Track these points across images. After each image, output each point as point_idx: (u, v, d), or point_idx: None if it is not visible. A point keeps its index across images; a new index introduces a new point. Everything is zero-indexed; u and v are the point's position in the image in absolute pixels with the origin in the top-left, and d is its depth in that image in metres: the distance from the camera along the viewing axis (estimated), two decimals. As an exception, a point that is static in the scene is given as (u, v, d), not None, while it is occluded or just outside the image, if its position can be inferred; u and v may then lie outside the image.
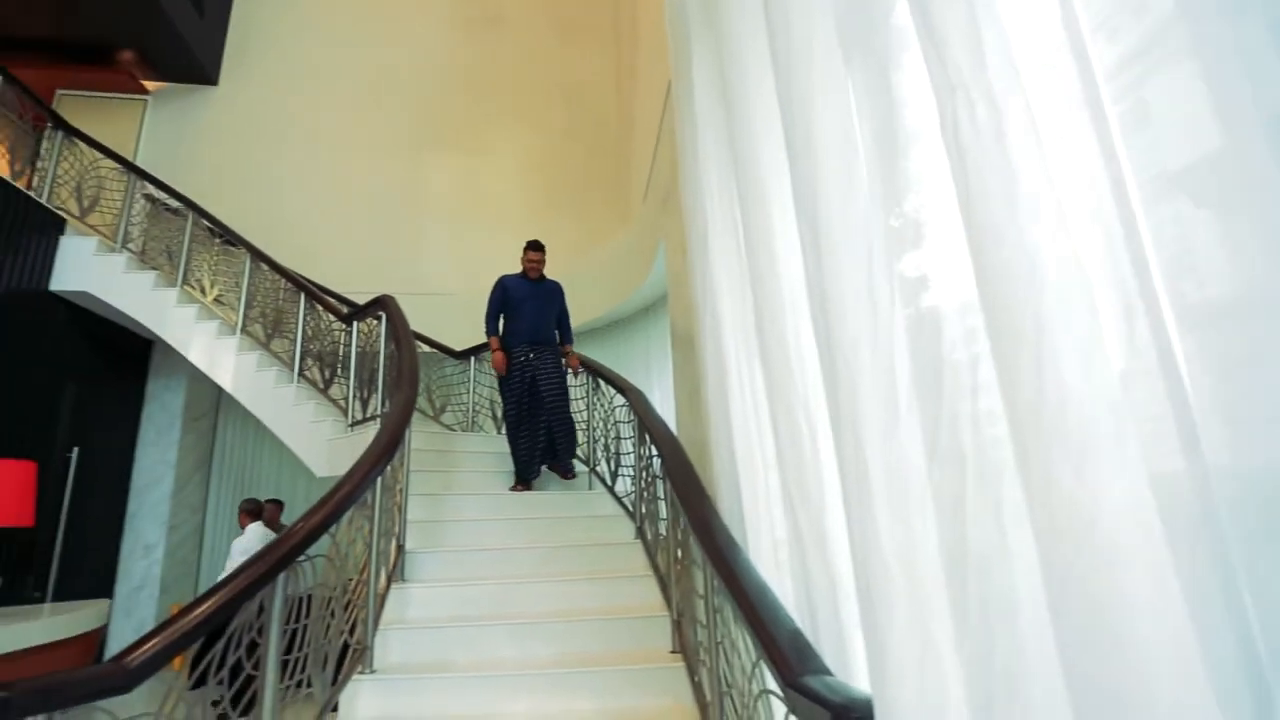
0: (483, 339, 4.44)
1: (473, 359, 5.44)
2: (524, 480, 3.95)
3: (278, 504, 5.81)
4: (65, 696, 1.32)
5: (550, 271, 4.44)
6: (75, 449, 5.37)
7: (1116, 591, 0.67)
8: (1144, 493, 0.68)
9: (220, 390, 6.70)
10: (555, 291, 4.33)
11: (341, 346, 4.95)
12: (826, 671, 1.45)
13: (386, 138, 7.93)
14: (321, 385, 4.95)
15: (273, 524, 5.72)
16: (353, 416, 4.49)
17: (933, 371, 0.95)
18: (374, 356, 4.51)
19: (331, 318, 5.08)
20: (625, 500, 3.78)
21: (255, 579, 1.87)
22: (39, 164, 5.53)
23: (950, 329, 0.95)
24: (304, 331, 5.10)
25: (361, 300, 5.28)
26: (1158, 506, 0.67)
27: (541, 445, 4.02)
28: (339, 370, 4.92)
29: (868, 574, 1.04)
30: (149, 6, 6.60)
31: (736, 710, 1.89)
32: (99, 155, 5.77)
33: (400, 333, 4.02)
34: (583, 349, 4.76)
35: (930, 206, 1.02)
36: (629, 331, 6.84)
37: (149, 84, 7.75)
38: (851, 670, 1.54)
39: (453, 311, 6.46)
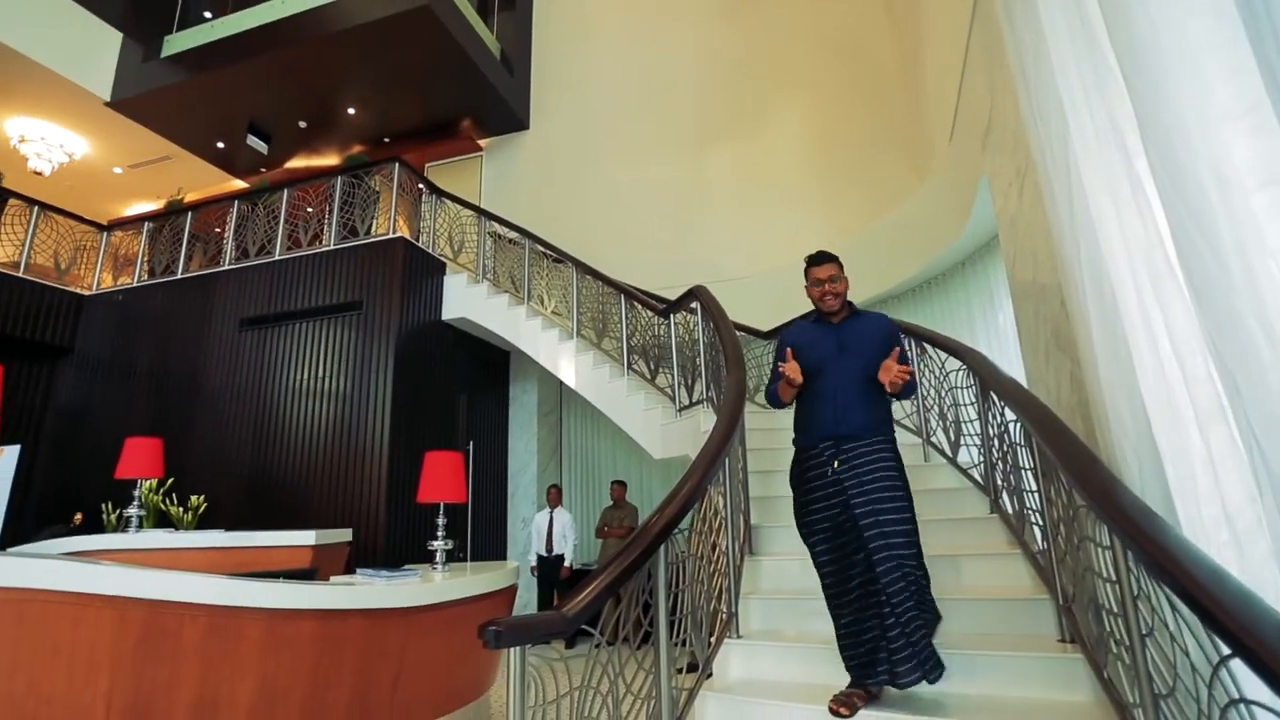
0: (786, 315, 3.96)
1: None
2: (858, 686, 2.18)
3: (622, 484, 6.59)
4: (532, 634, 1.65)
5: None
6: (471, 443, 6.77)
7: None
8: None
9: (561, 388, 7.87)
10: (875, 333, 2.39)
11: (661, 339, 5.38)
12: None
13: (672, 138, 8.44)
14: (648, 376, 5.45)
15: (619, 502, 6.50)
16: (679, 402, 4.86)
17: None
18: (692, 345, 4.80)
19: (649, 314, 5.56)
20: (971, 472, 3.43)
21: (644, 550, 2.10)
22: (422, 223, 7.08)
23: None
24: (626, 329, 5.67)
25: (668, 295, 5.68)
26: None
27: (884, 629, 2.12)
28: (661, 361, 5.36)
29: None
30: (478, 81, 8.10)
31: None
32: (460, 208, 7.20)
33: (717, 319, 4.19)
34: (892, 315, 3.34)
35: None
36: (945, 288, 6.18)
37: (482, 141, 9.44)
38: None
39: (749, 294, 6.64)
